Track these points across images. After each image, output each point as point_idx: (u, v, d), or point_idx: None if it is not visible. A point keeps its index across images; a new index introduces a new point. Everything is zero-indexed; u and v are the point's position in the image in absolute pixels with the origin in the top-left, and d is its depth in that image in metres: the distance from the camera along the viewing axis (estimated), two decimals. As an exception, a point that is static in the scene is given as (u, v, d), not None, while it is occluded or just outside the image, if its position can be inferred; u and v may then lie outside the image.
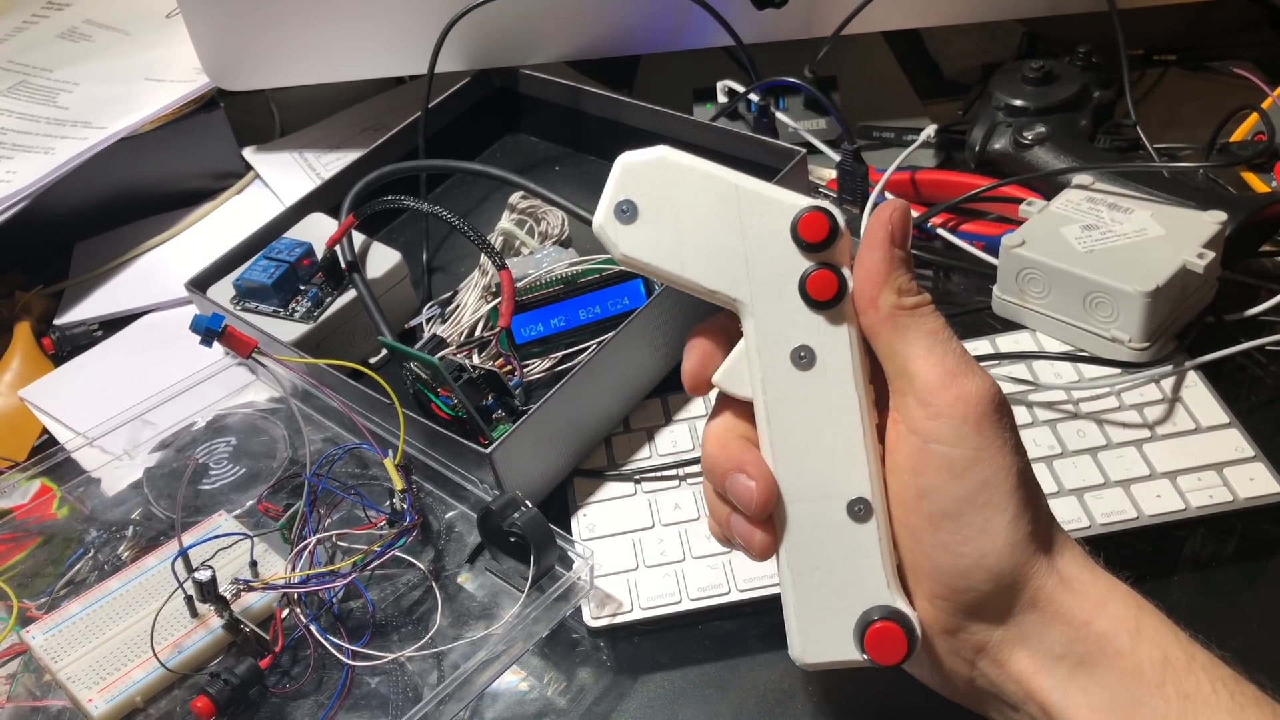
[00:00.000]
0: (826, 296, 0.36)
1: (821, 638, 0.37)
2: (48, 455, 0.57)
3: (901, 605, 0.36)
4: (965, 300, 0.62)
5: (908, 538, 0.36)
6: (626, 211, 0.36)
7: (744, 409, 0.38)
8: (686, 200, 0.36)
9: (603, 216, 0.37)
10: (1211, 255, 0.53)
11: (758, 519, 0.37)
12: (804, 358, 0.36)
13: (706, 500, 0.40)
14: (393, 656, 0.46)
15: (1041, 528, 0.35)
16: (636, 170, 0.36)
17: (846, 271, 0.36)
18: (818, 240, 0.35)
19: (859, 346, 0.36)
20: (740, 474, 0.37)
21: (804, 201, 0.36)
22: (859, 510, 0.36)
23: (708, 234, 0.36)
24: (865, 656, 0.36)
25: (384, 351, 0.62)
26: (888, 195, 0.66)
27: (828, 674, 0.45)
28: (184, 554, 0.46)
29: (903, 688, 0.40)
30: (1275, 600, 0.46)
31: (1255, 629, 0.45)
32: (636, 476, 0.54)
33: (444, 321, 0.62)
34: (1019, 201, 0.61)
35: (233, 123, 0.79)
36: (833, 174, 0.67)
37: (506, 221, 0.66)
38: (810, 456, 0.37)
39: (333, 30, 0.74)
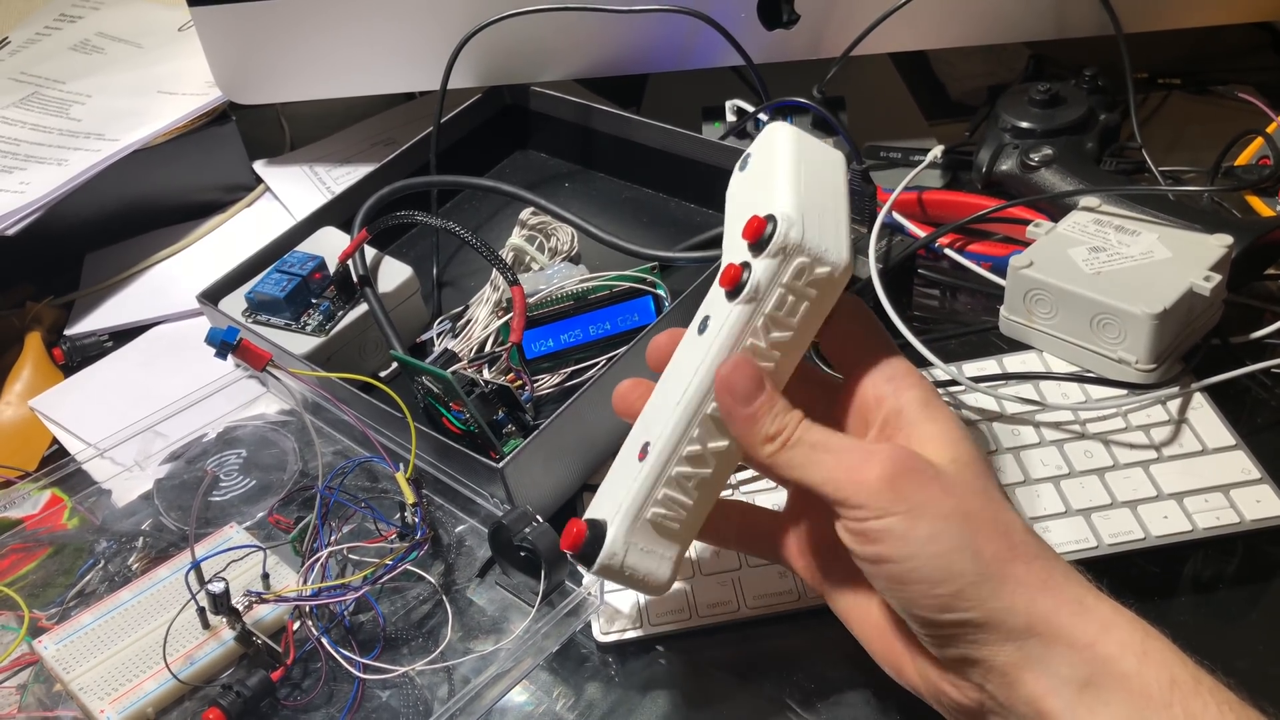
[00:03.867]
0: (728, 285, 0.40)
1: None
2: (59, 466, 0.57)
3: (618, 525, 0.40)
4: (972, 320, 0.62)
5: (886, 598, 0.38)
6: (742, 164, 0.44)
7: None
8: (763, 168, 0.42)
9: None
10: (1218, 278, 0.53)
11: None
12: (703, 326, 0.41)
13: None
14: (403, 670, 0.47)
15: (1018, 552, 0.36)
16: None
17: (759, 267, 0.39)
18: (753, 240, 0.39)
19: (741, 330, 0.39)
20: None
21: (786, 204, 0.39)
22: (645, 448, 0.40)
23: (750, 200, 0.42)
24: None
25: (394, 365, 0.62)
26: (895, 215, 0.66)
27: (841, 691, 0.46)
28: (197, 566, 0.46)
29: (914, 704, 0.40)
30: (1281, 622, 0.47)
31: (1261, 650, 0.45)
32: (646, 492, 0.54)
33: (455, 336, 0.62)
34: (1026, 223, 0.61)
35: (243, 136, 0.80)
36: (841, 193, 0.67)
37: (517, 237, 0.67)
38: (659, 397, 0.42)
39: (345, 46, 0.75)
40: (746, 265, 0.39)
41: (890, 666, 0.40)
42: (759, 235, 0.38)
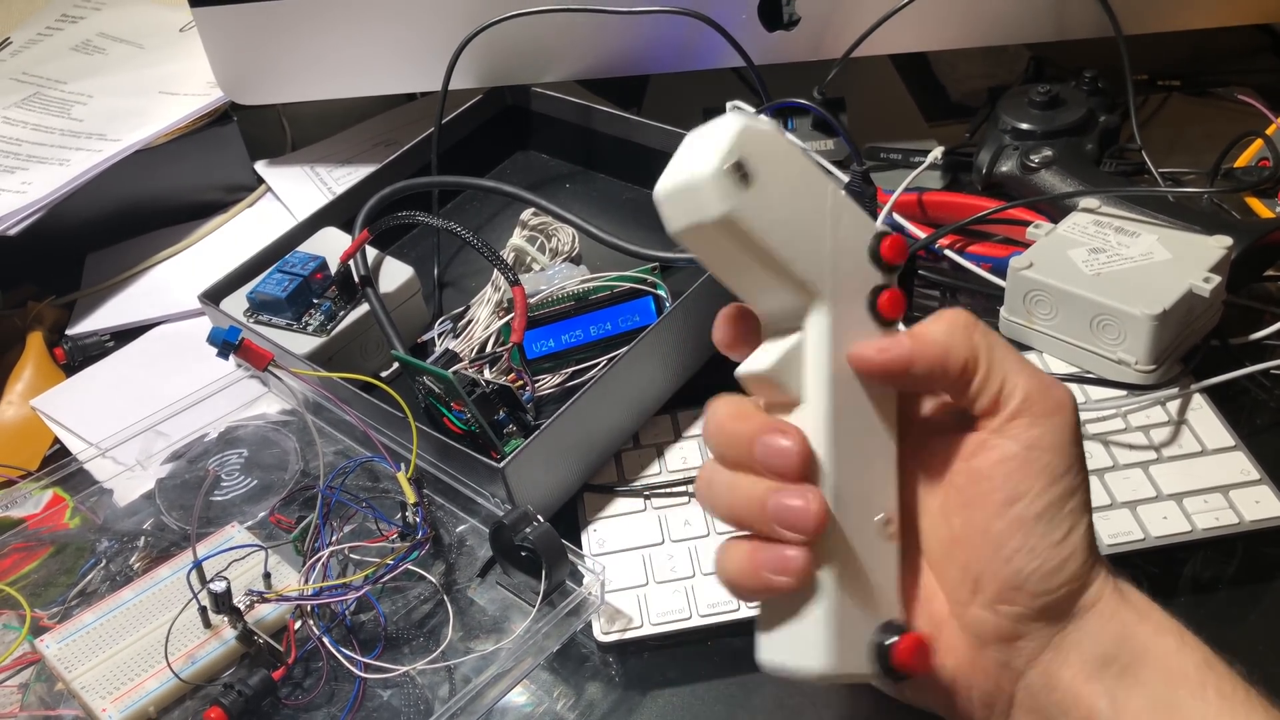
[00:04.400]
0: (895, 315, 0.36)
1: (845, 649, 0.35)
2: (60, 465, 0.57)
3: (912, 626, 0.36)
4: (972, 321, 0.62)
5: (984, 546, 0.36)
6: (740, 172, 0.32)
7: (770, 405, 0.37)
8: (790, 183, 0.34)
9: (711, 168, 0.32)
10: (1217, 279, 0.53)
11: (796, 478, 0.34)
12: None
13: (713, 501, 0.37)
14: (404, 669, 0.47)
15: (1095, 542, 0.37)
16: (752, 134, 0.33)
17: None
18: (896, 262, 0.36)
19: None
20: (775, 434, 0.34)
21: (878, 224, 0.36)
22: (889, 527, 0.37)
23: (805, 223, 0.34)
24: (877, 669, 0.36)
25: (396, 365, 0.62)
26: (896, 216, 0.66)
27: (839, 692, 0.46)
28: (198, 565, 0.46)
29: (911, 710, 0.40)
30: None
31: (1262, 651, 0.46)
32: (647, 492, 0.54)
33: (456, 336, 0.63)
34: (1026, 224, 0.61)
35: (244, 136, 0.80)
36: (841, 194, 0.68)
37: (518, 238, 0.67)
38: (856, 464, 0.36)
39: (346, 46, 0.75)
40: (902, 289, 0.37)
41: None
42: (904, 256, 0.36)
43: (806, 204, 0.35)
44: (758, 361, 0.36)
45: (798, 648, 0.35)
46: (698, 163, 0.33)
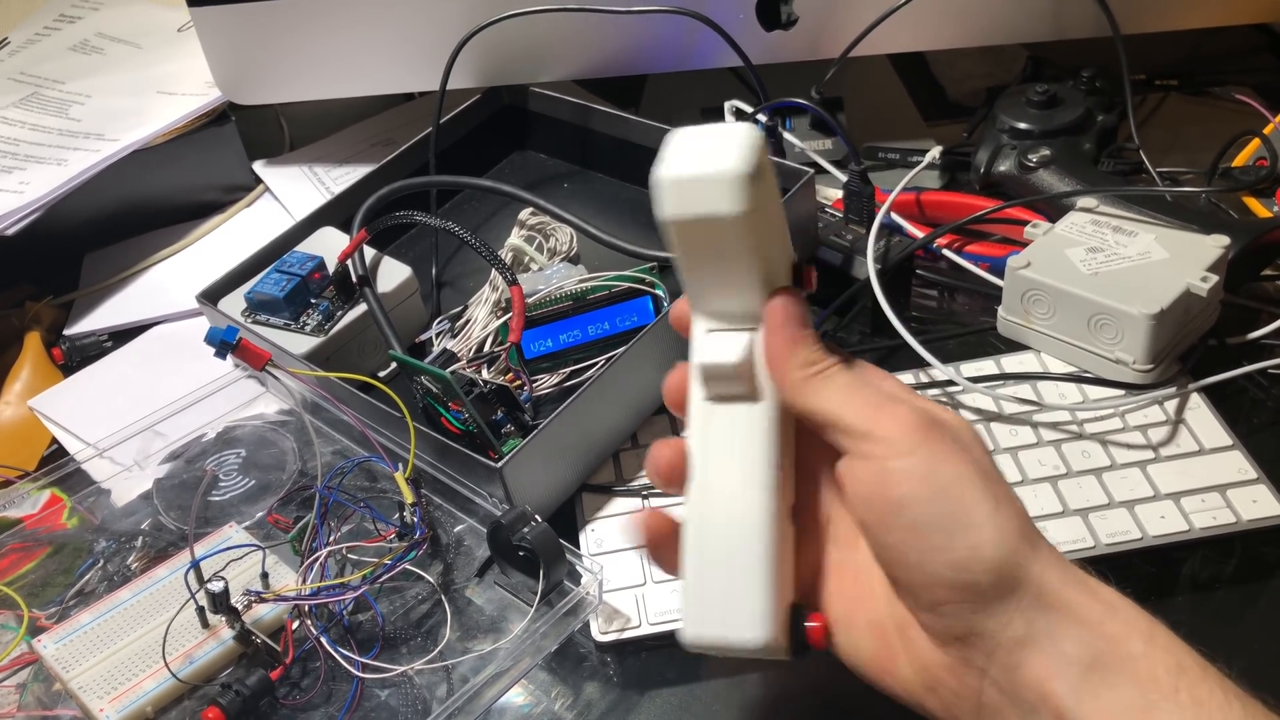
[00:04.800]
0: (811, 289, 0.39)
1: (777, 624, 0.37)
2: (58, 465, 0.57)
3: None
4: (970, 321, 0.62)
5: (895, 559, 0.36)
6: (755, 174, 0.34)
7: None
8: (770, 190, 0.37)
9: (742, 168, 0.34)
10: (1215, 279, 0.53)
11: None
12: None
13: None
14: (402, 669, 0.47)
15: (1029, 528, 0.36)
16: (760, 147, 0.35)
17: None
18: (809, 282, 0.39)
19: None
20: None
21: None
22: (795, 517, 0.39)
23: (777, 229, 0.38)
24: (792, 644, 0.37)
25: (393, 365, 0.62)
26: (894, 215, 0.66)
27: (839, 692, 0.46)
28: (196, 565, 0.46)
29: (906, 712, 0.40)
30: (1276, 623, 0.47)
31: (1257, 650, 0.46)
32: (645, 492, 0.54)
33: (454, 336, 0.63)
34: (1023, 223, 0.61)
35: (242, 136, 0.80)
36: (839, 194, 0.68)
37: (516, 238, 0.67)
38: (788, 455, 0.39)
39: (345, 46, 0.75)
40: None
41: (879, 667, 0.39)
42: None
43: (776, 210, 0.37)
44: (723, 353, 0.38)
45: (736, 621, 0.37)
46: (723, 160, 0.34)
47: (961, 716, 0.37)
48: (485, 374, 0.58)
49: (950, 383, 0.56)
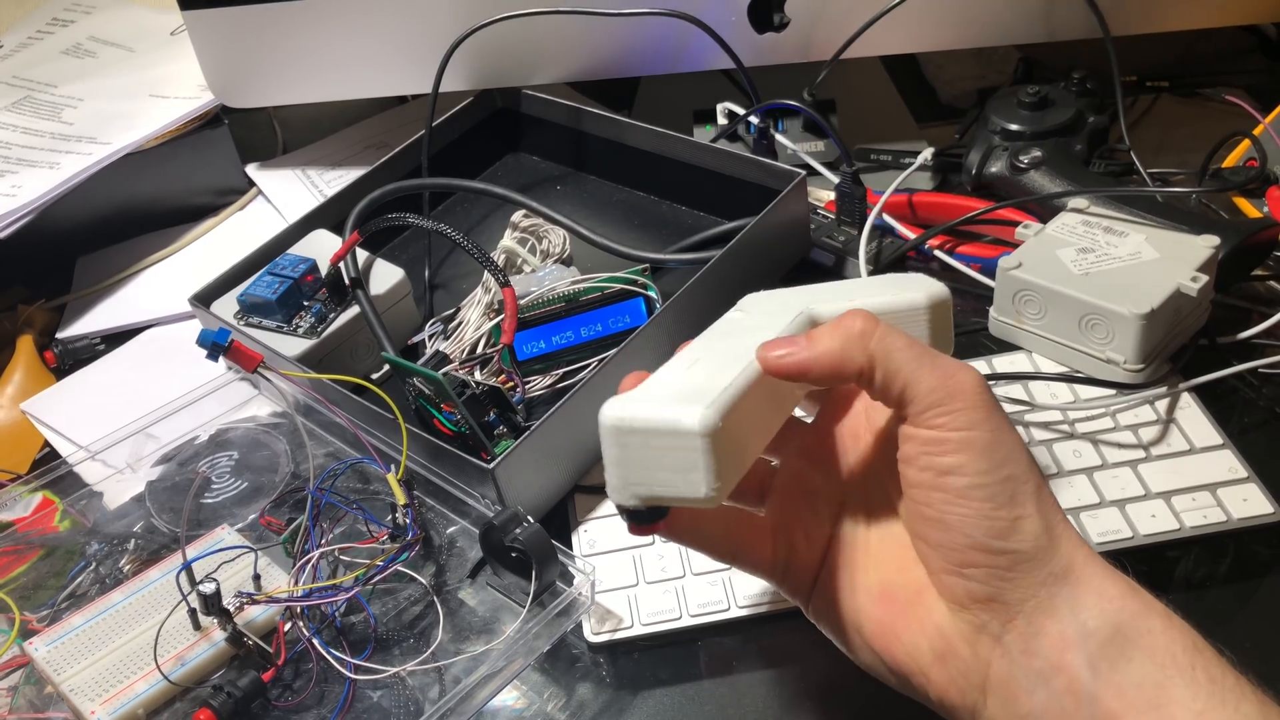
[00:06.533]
0: None
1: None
2: (50, 468, 0.57)
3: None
4: (962, 321, 0.62)
5: (935, 518, 0.37)
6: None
7: None
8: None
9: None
10: (1205, 279, 0.54)
11: None
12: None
13: None
14: (394, 670, 0.47)
15: (1059, 510, 0.37)
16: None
17: None
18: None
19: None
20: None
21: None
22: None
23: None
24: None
25: (386, 367, 0.62)
26: (886, 217, 0.66)
27: (837, 692, 0.46)
28: (188, 567, 0.46)
29: (909, 701, 0.40)
30: (1268, 621, 0.47)
31: (1248, 648, 0.46)
32: (637, 493, 0.54)
33: (446, 338, 0.63)
34: (1015, 224, 0.61)
35: (235, 139, 0.80)
36: (831, 196, 0.68)
37: (509, 240, 0.67)
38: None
39: (337, 50, 0.75)
40: None
41: (885, 633, 0.39)
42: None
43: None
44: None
45: (678, 412, 0.35)
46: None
47: (967, 689, 0.37)
48: (478, 376, 0.58)
49: (942, 383, 0.56)
